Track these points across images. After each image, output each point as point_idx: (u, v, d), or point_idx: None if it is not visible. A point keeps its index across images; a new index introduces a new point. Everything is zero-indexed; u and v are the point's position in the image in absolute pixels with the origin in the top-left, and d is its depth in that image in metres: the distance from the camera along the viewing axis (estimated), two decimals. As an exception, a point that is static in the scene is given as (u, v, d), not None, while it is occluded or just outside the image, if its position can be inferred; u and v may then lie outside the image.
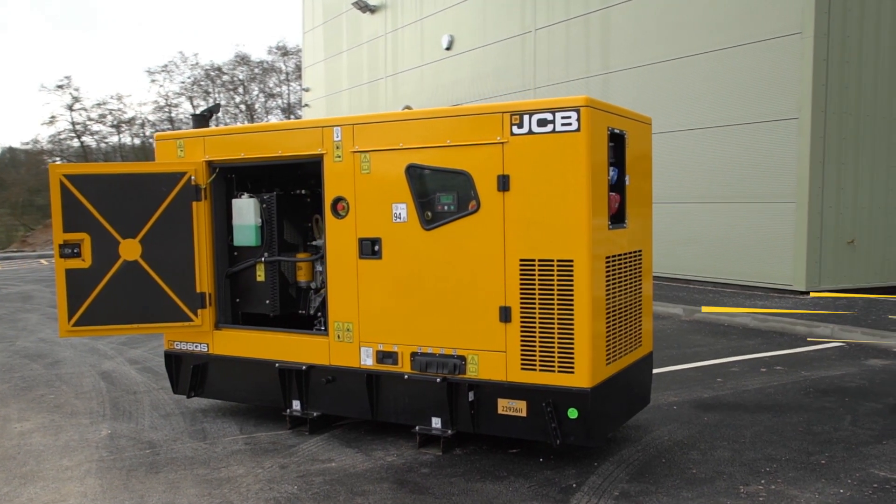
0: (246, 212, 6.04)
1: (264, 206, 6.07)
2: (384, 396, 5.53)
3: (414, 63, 22.21)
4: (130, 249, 5.96)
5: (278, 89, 63.24)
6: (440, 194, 5.21)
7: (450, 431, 5.28)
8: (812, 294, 12.04)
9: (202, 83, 62.14)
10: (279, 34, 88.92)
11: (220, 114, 61.39)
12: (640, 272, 5.59)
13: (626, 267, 5.32)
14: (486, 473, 4.93)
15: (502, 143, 4.94)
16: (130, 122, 59.53)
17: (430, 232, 5.22)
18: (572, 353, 4.81)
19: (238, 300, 6.26)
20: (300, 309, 6.31)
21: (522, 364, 4.97)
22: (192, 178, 6.01)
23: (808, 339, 9.17)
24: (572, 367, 4.82)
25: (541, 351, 4.91)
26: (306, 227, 6.39)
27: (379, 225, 5.40)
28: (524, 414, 5.04)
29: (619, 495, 4.53)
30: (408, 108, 6.03)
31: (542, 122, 4.82)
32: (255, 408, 6.48)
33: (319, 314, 6.28)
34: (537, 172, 4.85)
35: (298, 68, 61.76)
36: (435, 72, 21.20)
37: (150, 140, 60.28)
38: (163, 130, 61.37)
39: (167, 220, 6.01)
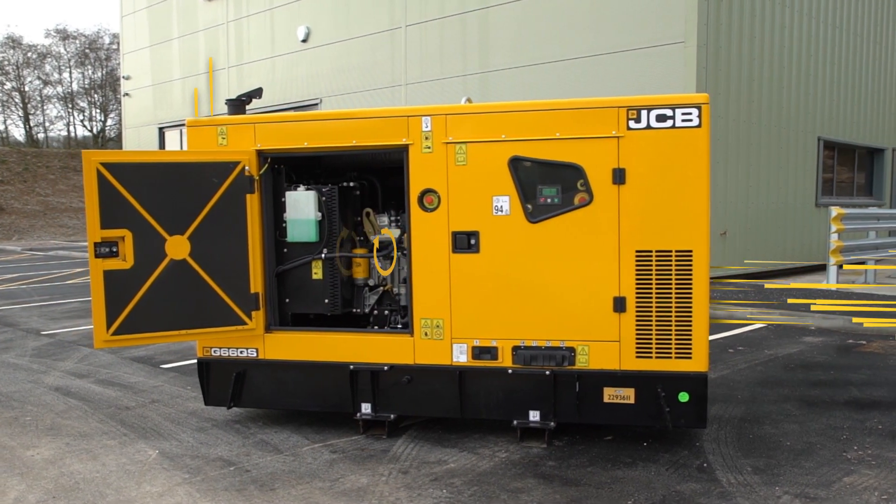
0: (304, 205, 5.63)
1: (323, 199, 5.70)
2: (475, 392, 5.42)
3: (263, 54, 21.34)
4: (178, 247, 5.36)
5: (56, 76, 57.79)
6: (544, 187, 5.20)
7: (552, 423, 5.30)
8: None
9: (-38, 65, 55.27)
10: (58, 16, 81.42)
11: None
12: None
13: (704, 256, 5.62)
14: (611, 461, 5.02)
15: (618, 136, 5.04)
16: None
17: (535, 224, 5.19)
18: (690, 339, 5.03)
19: (288, 300, 5.81)
20: (355, 307, 5.99)
21: (637, 352, 5.11)
22: (246, 168, 5.51)
23: (733, 322, 10.06)
24: (690, 353, 5.04)
25: (657, 338, 5.07)
26: (356, 221, 6.07)
27: (476, 218, 5.29)
28: (632, 401, 5.19)
29: (752, 470, 4.81)
30: (469, 100, 5.93)
31: (661, 118, 4.98)
32: (299, 413, 6.06)
33: (375, 311, 6.01)
34: (656, 166, 5.01)
35: (82, 53, 56.94)
36: (289, 64, 20.52)
37: None
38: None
39: (218, 215, 5.46)
